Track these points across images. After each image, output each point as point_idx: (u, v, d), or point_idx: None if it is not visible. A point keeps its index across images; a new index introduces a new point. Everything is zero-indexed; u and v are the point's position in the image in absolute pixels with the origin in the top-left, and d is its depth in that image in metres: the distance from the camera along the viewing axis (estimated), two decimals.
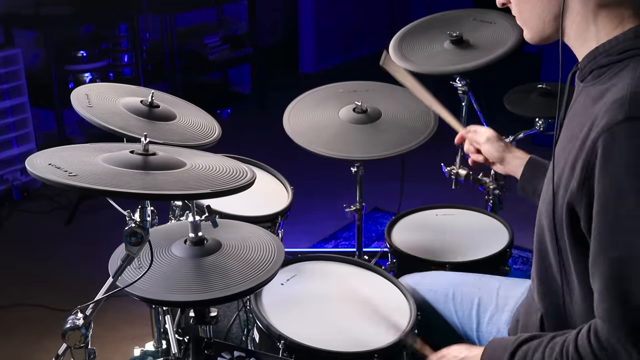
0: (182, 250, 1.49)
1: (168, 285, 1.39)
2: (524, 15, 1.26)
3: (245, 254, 1.49)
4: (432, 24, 2.36)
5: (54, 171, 1.18)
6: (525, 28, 1.27)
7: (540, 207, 1.29)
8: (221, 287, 1.38)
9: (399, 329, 1.55)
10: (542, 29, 1.24)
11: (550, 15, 1.21)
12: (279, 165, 2.28)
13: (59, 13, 3.97)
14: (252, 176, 1.32)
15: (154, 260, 1.38)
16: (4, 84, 3.69)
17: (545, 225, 1.26)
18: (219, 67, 5.30)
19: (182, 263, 1.46)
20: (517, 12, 1.27)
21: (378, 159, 2.06)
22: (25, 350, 2.63)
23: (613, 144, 1.06)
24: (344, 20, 6.49)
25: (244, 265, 1.45)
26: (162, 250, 1.49)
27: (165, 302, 1.47)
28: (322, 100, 2.26)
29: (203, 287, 1.38)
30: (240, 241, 1.53)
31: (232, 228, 1.63)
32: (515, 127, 2.51)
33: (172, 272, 1.43)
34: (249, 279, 1.40)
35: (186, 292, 1.37)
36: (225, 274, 1.41)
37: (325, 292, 1.72)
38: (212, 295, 1.36)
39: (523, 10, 1.25)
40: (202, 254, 1.47)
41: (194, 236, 1.49)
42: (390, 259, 2.13)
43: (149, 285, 1.37)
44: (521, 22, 1.28)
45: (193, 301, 1.37)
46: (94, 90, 1.78)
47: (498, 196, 2.44)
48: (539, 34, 1.25)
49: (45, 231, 3.53)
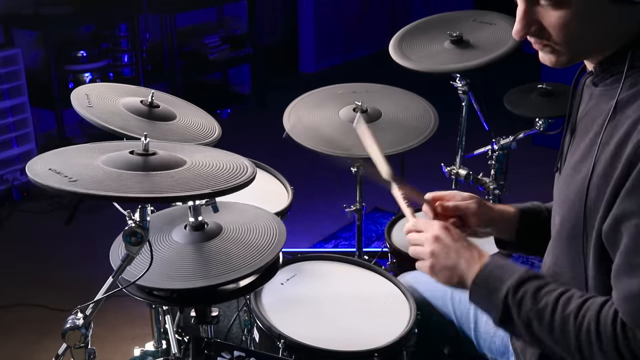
0: (182, 235, 1.48)
1: (168, 272, 1.38)
2: (572, 43, 1.17)
3: (247, 237, 1.48)
4: (432, 24, 2.36)
5: (54, 177, 1.17)
6: (564, 55, 1.19)
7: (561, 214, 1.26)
8: (223, 272, 1.37)
9: (398, 329, 1.55)
10: (586, 56, 1.21)
11: (605, 43, 1.17)
12: (279, 165, 2.28)
13: (59, 13, 3.97)
14: (253, 171, 1.31)
15: (153, 255, 1.37)
16: (4, 84, 3.69)
17: (570, 228, 1.23)
18: (219, 67, 5.30)
19: (183, 249, 1.45)
20: (562, 38, 1.16)
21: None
22: (25, 350, 2.63)
23: None
24: (344, 20, 6.49)
25: (245, 249, 1.44)
26: (162, 237, 1.49)
27: (164, 290, 1.45)
28: (322, 100, 2.26)
29: (204, 272, 1.38)
30: (241, 224, 1.52)
31: (233, 210, 1.62)
32: (515, 127, 2.51)
33: (172, 258, 1.42)
34: (250, 264, 1.39)
35: (187, 279, 1.36)
36: (226, 259, 1.41)
37: (325, 292, 1.72)
38: (214, 281, 1.35)
39: (577, 39, 1.15)
40: (203, 239, 1.47)
41: (194, 220, 1.49)
42: (390, 259, 2.13)
43: (150, 274, 1.35)
44: (563, 48, 1.17)
45: (194, 288, 1.36)
46: (94, 90, 1.78)
47: (498, 196, 2.44)
48: (579, 59, 1.21)
49: (45, 231, 3.53)
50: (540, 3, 1.15)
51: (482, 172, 2.49)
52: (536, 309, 1.17)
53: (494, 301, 1.22)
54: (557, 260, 1.29)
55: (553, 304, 1.16)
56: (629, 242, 1.09)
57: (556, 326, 1.15)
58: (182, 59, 4.76)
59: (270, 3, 6.02)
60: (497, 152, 2.46)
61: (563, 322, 1.14)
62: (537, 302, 1.18)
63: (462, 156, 2.47)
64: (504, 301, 1.20)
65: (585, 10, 1.12)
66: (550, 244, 1.34)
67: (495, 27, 2.25)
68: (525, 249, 1.57)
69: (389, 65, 2.24)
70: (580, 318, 1.13)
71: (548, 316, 1.16)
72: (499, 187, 2.41)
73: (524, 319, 1.18)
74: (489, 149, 2.48)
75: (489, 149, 2.48)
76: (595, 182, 1.15)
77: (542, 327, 1.17)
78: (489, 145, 2.49)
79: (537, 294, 1.18)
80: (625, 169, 1.09)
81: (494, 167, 2.47)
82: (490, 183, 2.42)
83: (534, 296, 1.18)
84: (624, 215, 1.09)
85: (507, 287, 1.20)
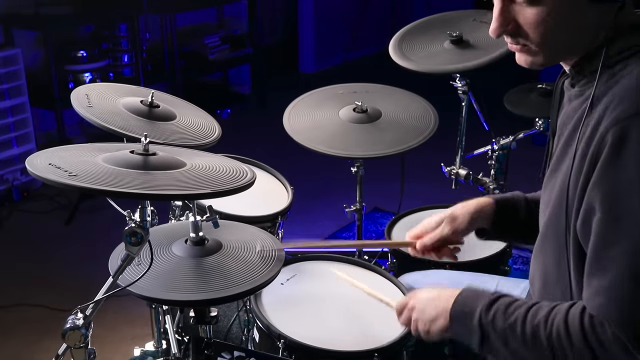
0: (182, 249, 1.49)
1: (168, 284, 1.39)
2: (548, 42, 1.17)
3: (246, 255, 1.49)
4: (432, 24, 2.36)
5: (54, 171, 1.18)
6: (540, 55, 1.19)
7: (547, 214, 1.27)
8: (221, 287, 1.38)
9: (398, 329, 1.55)
10: (561, 57, 1.22)
11: (580, 44, 1.17)
12: (279, 165, 2.28)
13: (59, 13, 3.97)
14: (252, 176, 1.32)
15: (154, 260, 1.38)
16: (4, 84, 3.69)
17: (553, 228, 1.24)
18: (219, 67, 5.30)
19: (183, 262, 1.46)
20: (537, 37, 1.16)
21: (378, 157, 2.06)
22: (25, 350, 2.63)
23: (623, 138, 1.06)
24: (344, 20, 6.48)
25: (243, 266, 1.45)
26: (162, 250, 1.50)
27: (164, 300, 1.47)
28: (322, 100, 2.26)
29: (203, 287, 1.39)
30: (241, 242, 1.53)
31: (234, 229, 1.63)
32: (515, 127, 2.51)
33: (172, 271, 1.43)
34: (249, 281, 1.40)
35: (186, 291, 1.37)
36: (225, 275, 1.41)
37: (325, 292, 1.72)
38: (212, 296, 1.37)
39: (552, 38, 1.16)
40: (203, 254, 1.47)
41: (195, 236, 1.49)
42: (390, 259, 2.13)
43: (149, 284, 1.37)
44: (538, 47, 1.18)
45: (193, 301, 1.38)
46: (94, 90, 1.78)
47: None
48: (555, 60, 1.22)
49: (45, 231, 3.53)
50: (516, 1, 1.16)
51: (482, 172, 2.49)
52: (508, 324, 1.19)
53: (471, 327, 1.24)
54: (544, 261, 1.30)
55: (523, 316, 1.19)
56: (595, 238, 1.11)
57: (528, 337, 1.17)
58: (182, 59, 4.76)
59: (270, 3, 6.02)
60: (497, 152, 2.46)
61: (534, 331, 1.16)
62: (508, 317, 1.20)
63: (462, 156, 2.47)
64: (479, 323, 1.22)
65: (560, 7, 1.13)
66: (537, 245, 1.34)
67: None
68: (502, 238, 1.62)
69: (389, 65, 2.24)
70: (550, 324, 1.15)
71: (519, 328, 1.18)
72: (498, 187, 2.41)
73: (500, 337, 1.20)
74: (489, 149, 2.48)
75: (489, 149, 2.48)
76: (572, 182, 1.16)
77: (516, 341, 1.18)
78: (489, 145, 2.49)
79: (507, 310, 1.21)
80: (592, 162, 1.10)
81: (494, 167, 2.47)
82: (490, 183, 2.42)
83: (505, 312, 1.21)
84: (591, 209, 1.10)
85: (479, 310, 1.23)
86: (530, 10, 1.15)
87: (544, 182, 1.32)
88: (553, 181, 1.25)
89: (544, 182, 1.31)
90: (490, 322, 1.21)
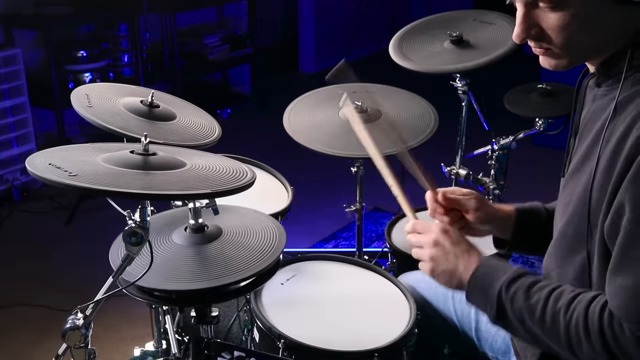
0: (182, 237, 1.48)
1: (168, 274, 1.38)
2: (571, 46, 1.17)
3: (247, 240, 1.49)
4: (432, 24, 2.36)
5: (54, 171, 1.18)
6: (564, 58, 1.19)
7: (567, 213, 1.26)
8: (222, 274, 1.38)
9: (398, 329, 1.55)
10: (585, 57, 1.22)
11: (604, 46, 1.17)
12: (279, 165, 2.28)
13: (58, 13, 3.97)
14: (252, 176, 1.32)
15: (154, 255, 1.37)
16: (4, 84, 3.69)
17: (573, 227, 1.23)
18: (219, 67, 5.30)
19: (182, 251, 1.45)
20: (561, 41, 1.16)
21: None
22: (26, 350, 2.63)
23: None
24: (344, 20, 6.48)
25: (245, 252, 1.44)
26: (162, 238, 1.49)
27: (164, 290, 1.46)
28: (322, 100, 2.26)
29: (204, 274, 1.38)
30: (242, 227, 1.53)
31: (234, 214, 1.63)
32: (515, 127, 2.51)
33: (172, 260, 1.43)
34: (250, 266, 1.40)
35: (186, 280, 1.37)
36: (226, 261, 1.41)
37: (325, 292, 1.72)
38: (214, 284, 1.36)
39: (576, 41, 1.16)
40: (203, 241, 1.47)
41: (195, 223, 1.49)
42: (390, 259, 2.13)
43: (149, 275, 1.35)
44: (562, 51, 1.18)
45: (193, 289, 1.37)
46: (94, 90, 1.78)
47: (498, 196, 2.44)
48: (579, 62, 1.22)
49: (45, 231, 3.52)
50: (539, 6, 1.16)
51: (482, 172, 2.49)
52: (528, 304, 1.19)
53: (489, 298, 1.24)
54: (560, 262, 1.30)
55: (544, 300, 1.19)
56: (623, 237, 1.11)
57: (547, 321, 1.17)
58: (182, 59, 4.76)
59: (270, 3, 6.01)
60: (497, 152, 2.46)
61: (553, 316, 1.17)
62: (529, 298, 1.20)
63: (462, 156, 2.47)
64: (497, 297, 1.22)
65: (583, 11, 1.13)
66: (552, 245, 1.34)
67: (495, 27, 2.25)
68: (521, 249, 1.59)
69: (389, 65, 2.24)
70: (570, 313, 1.15)
71: (539, 311, 1.18)
72: (499, 187, 2.42)
73: (517, 315, 1.20)
74: (489, 149, 2.48)
75: (489, 149, 2.48)
76: (598, 182, 1.16)
77: (534, 322, 1.19)
78: (489, 145, 2.49)
79: (530, 290, 1.21)
80: (626, 165, 1.10)
81: (494, 167, 2.47)
82: (490, 183, 2.42)
83: (527, 292, 1.20)
84: (622, 209, 1.10)
85: (500, 283, 1.23)
86: (554, 15, 1.15)
87: (563, 181, 1.32)
88: (575, 181, 1.24)
89: (565, 181, 1.30)
90: (510, 299, 1.21)
